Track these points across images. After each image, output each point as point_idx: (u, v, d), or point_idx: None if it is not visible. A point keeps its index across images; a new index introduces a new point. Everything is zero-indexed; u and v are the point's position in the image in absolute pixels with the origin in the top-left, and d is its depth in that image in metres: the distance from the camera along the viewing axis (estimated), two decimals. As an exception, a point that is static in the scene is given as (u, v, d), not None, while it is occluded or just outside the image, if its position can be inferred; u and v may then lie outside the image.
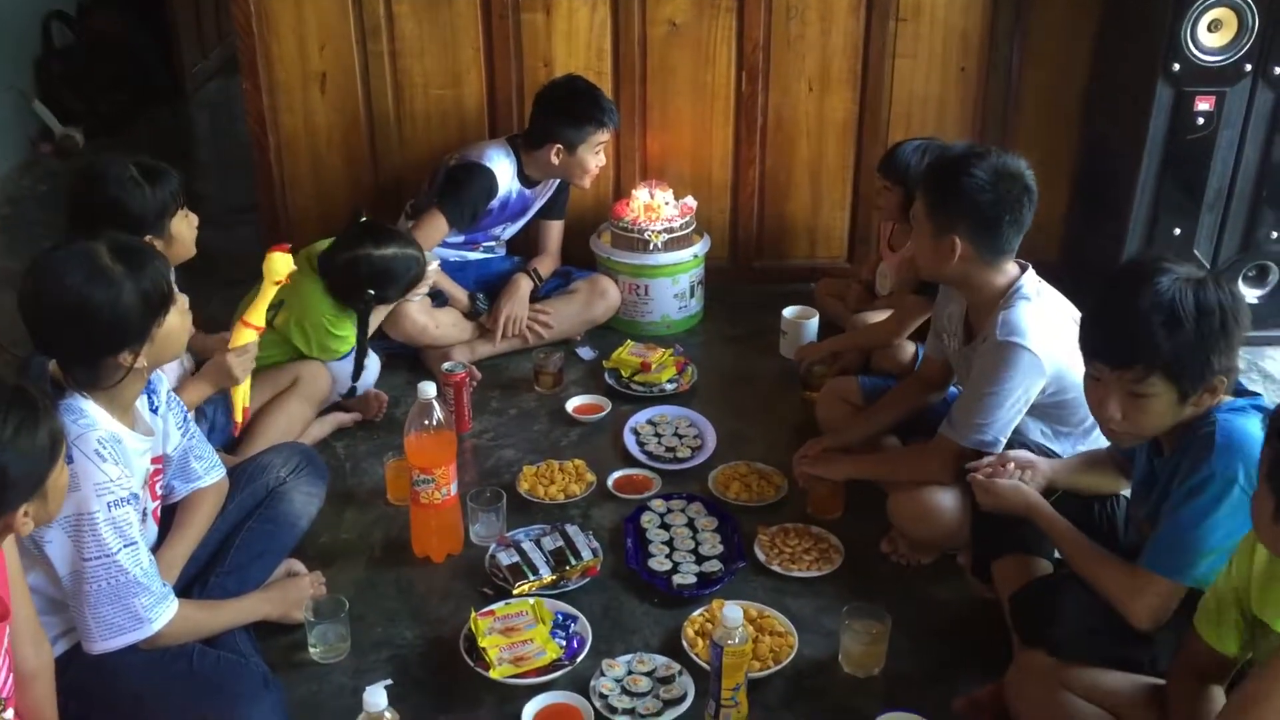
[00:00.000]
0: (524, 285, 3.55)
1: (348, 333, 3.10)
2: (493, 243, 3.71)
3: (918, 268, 2.62)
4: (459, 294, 3.52)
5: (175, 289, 2.09)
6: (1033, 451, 2.40)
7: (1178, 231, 3.48)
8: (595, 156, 3.49)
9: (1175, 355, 1.83)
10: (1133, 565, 1.98)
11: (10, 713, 1.77)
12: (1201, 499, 1.86)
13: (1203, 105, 3.34)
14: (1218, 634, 1.78)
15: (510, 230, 3.71)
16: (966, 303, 2.55)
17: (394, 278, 3.06)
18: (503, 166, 3.46)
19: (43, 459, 1.63)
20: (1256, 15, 3.21)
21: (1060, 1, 3.67)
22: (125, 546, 1.99)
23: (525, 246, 3.79)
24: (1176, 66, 3.29)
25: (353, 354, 3.12)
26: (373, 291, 3.03)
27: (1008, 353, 2.35)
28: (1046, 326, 2.36)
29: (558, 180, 3.62)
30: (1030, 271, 2.45)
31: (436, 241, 3.41)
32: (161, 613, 2.06)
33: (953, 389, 2.77)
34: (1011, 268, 2.45)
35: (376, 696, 1.93)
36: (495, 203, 3.49)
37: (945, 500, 2.49)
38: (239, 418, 2.67)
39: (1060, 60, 3.73)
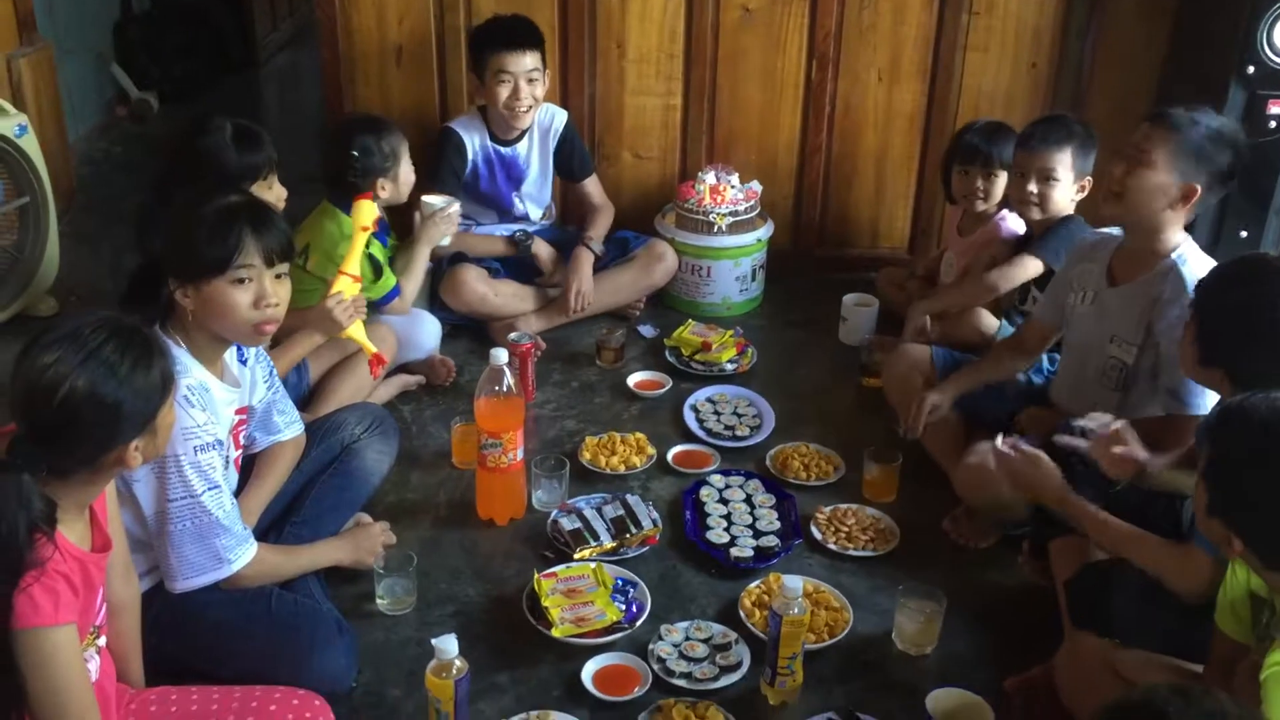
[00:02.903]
0: (585, 259, 3.58)
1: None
2: (522, 216, 3.72)
3: (1126, 203, 2.51)
4: (496, 243, 3.58)
5: None
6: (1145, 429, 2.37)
7: (1244, 234, 3.47)
8: (500, 86, 3.41)
9: None
10: (1181, 543, 2.02)
11: (103, 640, 1.85)
12: None
13: (1275, 109, 3.34)
14: (1237, 627, 1.82)
15: (531, 205, 3.70)
16: (1127, 247, 2.57)
17: (357, 129, 3.12)
18: (466, 124, 3.55)
19: (154, 396, 1.70)
20: (1333, 20, 3.20)
21: (1134, 1, 3.67)
22: (209, 489, 2.07)
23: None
24: (1250, 69, 3.29)
25: (396, 291, 3.14)
26: (355, 154, 3.07)
27: None
28: None
29: (545, 139, 3.61)
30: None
31: None
32: (241, 554, 2.14)
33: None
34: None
35: (447, 644, 1.99)
36: (476, 161, 3.54)
37: None
38: (373, 361, 2.83)
39: (1132, 60, 3.73)
